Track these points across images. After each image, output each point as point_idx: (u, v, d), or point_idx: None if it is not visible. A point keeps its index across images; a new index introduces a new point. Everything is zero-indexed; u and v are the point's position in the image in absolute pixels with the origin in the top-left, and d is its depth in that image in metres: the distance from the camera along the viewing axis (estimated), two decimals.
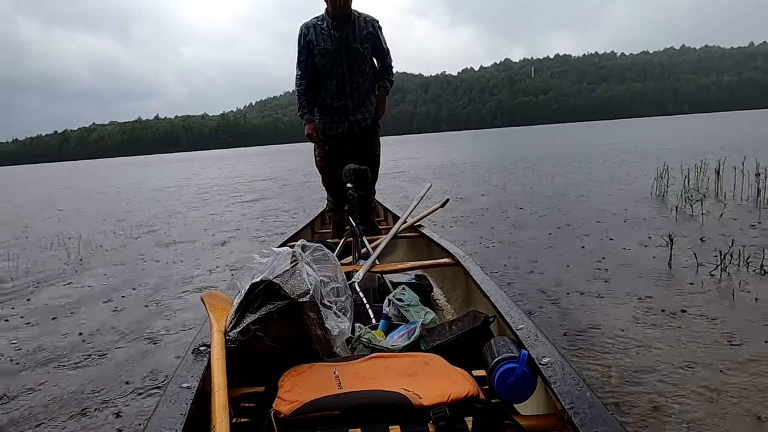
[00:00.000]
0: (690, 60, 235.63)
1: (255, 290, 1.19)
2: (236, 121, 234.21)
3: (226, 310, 1.27)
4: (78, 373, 2.09)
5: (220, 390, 0.93)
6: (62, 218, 8.06)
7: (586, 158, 12.64)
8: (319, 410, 0.92)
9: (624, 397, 1.60)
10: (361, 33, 2.72)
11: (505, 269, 3.22)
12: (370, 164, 2.62)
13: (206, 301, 1.35)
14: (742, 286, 2.59)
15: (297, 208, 7.09)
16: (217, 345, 1.09)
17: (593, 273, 3.00)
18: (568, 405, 0.87)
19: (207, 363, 1.09)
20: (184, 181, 15.66)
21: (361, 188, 2.37)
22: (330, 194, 3.05)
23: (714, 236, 3.67)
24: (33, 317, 2.91)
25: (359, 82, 2.79)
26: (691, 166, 6.59)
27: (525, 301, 2.58)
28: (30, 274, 4.05)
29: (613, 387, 1.67)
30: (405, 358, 1.15)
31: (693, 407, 1.52)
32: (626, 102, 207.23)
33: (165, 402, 0.95)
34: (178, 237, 5.39)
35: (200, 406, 0.98)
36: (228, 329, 1.18)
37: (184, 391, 0.98)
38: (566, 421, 0.89)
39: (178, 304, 2.98)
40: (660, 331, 2.10)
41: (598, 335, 2.09)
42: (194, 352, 1.17)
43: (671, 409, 1.52)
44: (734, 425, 1.42)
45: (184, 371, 1.07)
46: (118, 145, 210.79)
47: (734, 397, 1.56)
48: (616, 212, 4.96)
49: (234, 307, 1.22)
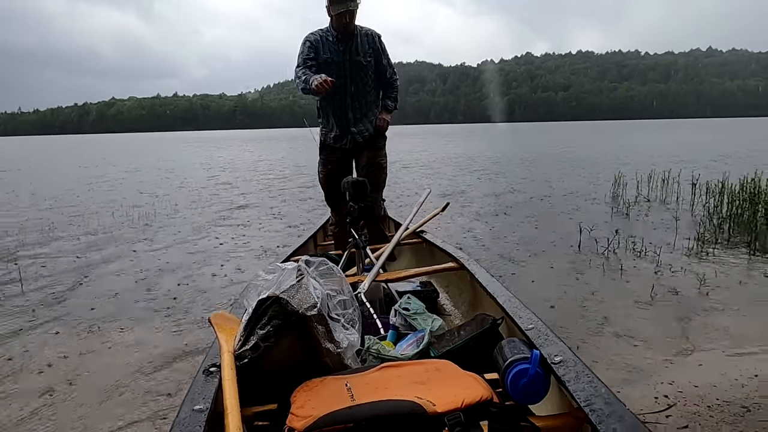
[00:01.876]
0: (716, 63, 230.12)
1: (262, 306, 1.20)
2: (253, 103, 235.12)
3: (234, 330, 1.27)
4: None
5: (233, 411, 0.93)
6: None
7: (573, 160, 13.27)
8: (334, 424, 0.92)
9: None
10: (363, 47, 2.76)
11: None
12: (376, 173, 2.75)
13: (214, 322, 1.35)
14: (615, 261, 3.42)
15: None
16: (227, 366, 1.10)
17: (518, 250, 3.82)
18: (584, 403, 0.86)
19: (218, 384, 1.09)
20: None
21: (359, 200, 2.37)
22: (333, 211, 3.06)
23: (626, 229, 4.49)
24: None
25: (361, 95, 2.82)
26: (657, 173, 7.35)
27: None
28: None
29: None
30: (416, 366, 1.15)
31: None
32: (647, 103, 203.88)
33: (178, 425, 0.95)
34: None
35: (213, 428, 0.98)
36: (237, 347, 1.18)
37: (196, 413, 0.98)
38: (583, 419, 0.89)
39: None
40: (554, 283, 2.94)
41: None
42: (204, 373, 1.16)
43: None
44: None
45: (196, 393, 1.07)
46: (136, 121, 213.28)
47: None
48: (566, 210, 5.75)
49: (242, 325, 1.23)
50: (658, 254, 3.70)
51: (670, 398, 1.79)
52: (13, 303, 3.02)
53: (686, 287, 3.01)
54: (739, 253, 3.74)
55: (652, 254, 3.71)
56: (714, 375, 1.96)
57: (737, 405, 1.74)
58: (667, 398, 1.79)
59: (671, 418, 1.67)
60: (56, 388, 1.99)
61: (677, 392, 1.83)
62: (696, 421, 1.65)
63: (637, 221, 5.04)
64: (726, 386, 1.87)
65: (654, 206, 5.87)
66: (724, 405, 1.74)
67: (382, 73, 2.88)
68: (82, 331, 2.57)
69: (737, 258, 3.62)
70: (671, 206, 5.80)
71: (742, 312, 2.61)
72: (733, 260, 3.57)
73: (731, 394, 1.81)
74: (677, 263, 3.51)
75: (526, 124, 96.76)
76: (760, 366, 2.02)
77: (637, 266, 3.46)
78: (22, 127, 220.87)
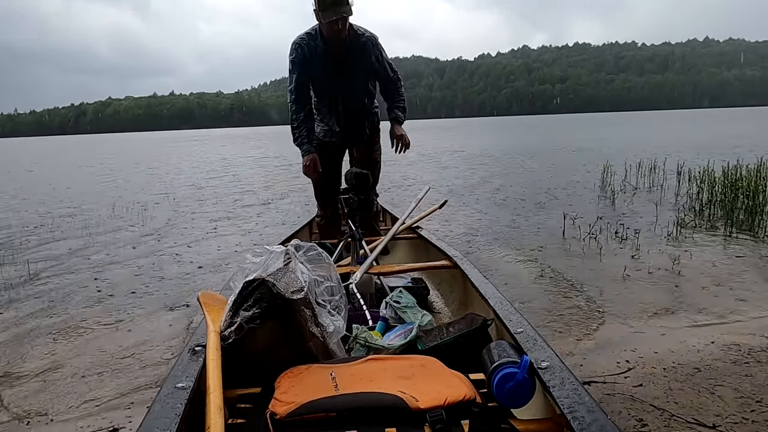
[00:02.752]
0: (713, 53, 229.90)
1: (248, 288, 1.20)
2: (250, 100, 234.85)
3: (222, 310, 1.27)
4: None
5: (215, 391, 0.94)
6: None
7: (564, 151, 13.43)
8: (316, 412, 0.93)
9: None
10: (358, 55, 2.55)
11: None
12: (370, 168, 2.61)
13: (203, 301, 1.35)
14: (596, 245, 3.61)
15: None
16: (212, 346, 1.11)
17: (505, 234, 3.99)
18: (567, 410, 0.87)
19: (202, 363, 1.10)
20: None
21: (361, 192, 2.38)
22: (319, 205, 2.99)
23: (610, 216, 4.66)
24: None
25: (357, 103, 2.67)
26: (645, 163, 7.54)
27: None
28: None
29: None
30: (402, 361, 1.16)
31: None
32: (644, 94, 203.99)
33: (159, 402, 0.95)
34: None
35: (195, 407, 0.98)
36: (223, 329, 1.19)
37: (179, 391, 0.99)
38: (564, 425, 0.90)
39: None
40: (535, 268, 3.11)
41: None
42: (190, 351, 1.17)
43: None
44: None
45: (180, 371, 1.08)
46: (133, 120, 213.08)
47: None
48: (559, 197, 5.91)
49: (228, 307, 1.23)
50: (637, 238, 3.86)
51: (631, 363, 1.96)
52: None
53: (660, 267, 3.17)
54: (716, 237, 3.90)
55: (632, 238, 3.87)
56: (673, 343, 2.12)
57: (690, 366, 1.90)
58: (628, 363, 1.96)
59: (628, 379, 1.83)
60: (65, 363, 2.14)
61: (638, 358, 2.00)
62: (650, 380, 1.81)
63: (622, 207, 5.20)
64: (683, 351, 2.03)
65: (640, 194, 6.03)
66: (678, 367, 1.90)
67: (382, 77, 2.71)
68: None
69: (713, 241, 3.78)
70: (656, 193, 5.97)
71: (710, 289, 2.77)
72: (708, 243, 3.73)
73: (687, 357, 1.98)
74: (655, 246, 3.67)
75: (522, 117, 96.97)
76: (718, 334, 2.19)
77: (616, 249, 3.62)
78: (20, 128, 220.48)
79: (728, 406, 1.61)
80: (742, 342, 2.09)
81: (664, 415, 1.58)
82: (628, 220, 4.49)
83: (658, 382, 1.79)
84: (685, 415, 1.57)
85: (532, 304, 2.64)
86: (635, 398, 1.68)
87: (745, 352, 2.00)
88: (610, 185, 6.58)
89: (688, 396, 1.69)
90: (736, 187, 4.90)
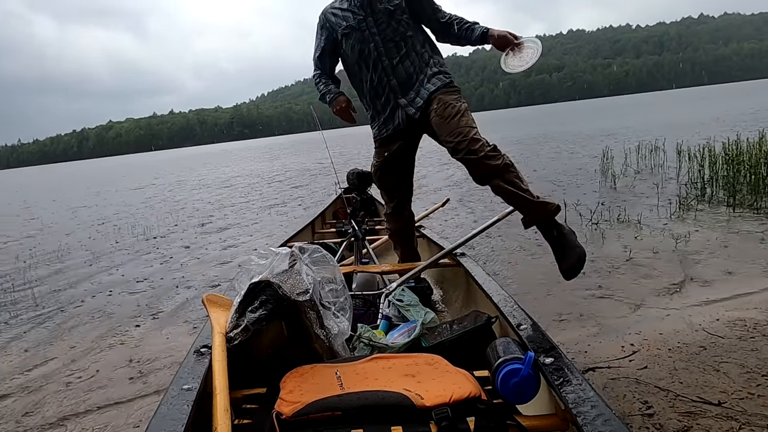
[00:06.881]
0: (709, 29, 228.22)
1: (254, 290, 1.21)
2: (249, 113, 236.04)
3: (227, 312, 1.28)
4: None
5: (222, 392, 0.95)
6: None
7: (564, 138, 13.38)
8: (321, 411, 0.93)
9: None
10: None
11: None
12: (454, 117, 1.94)
13: (207, 303, 1.35)
14: (598, 230, 3.60)
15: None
16: (218, 347, 1.11)
17: (506, 224, 3.98)
18: (572, 405, 0.87)
19: (208, 365, 1.10)
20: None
21: (363, 192, 2.37)
22: (385, 199, 2.42)
23: (611, 201, 4.64)
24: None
25: (399, 53, 2.03)
26: (647, 144, 7.49)
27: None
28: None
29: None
30: (407, 359, 1.15)
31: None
32: (643, 76, 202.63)
33: (166, 404, 0.95)
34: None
35: (202, 408, 0.99)
36: (228, 329, 1.19)
37: (185, 392, 0.99)
38: (569, 421, 0.90)
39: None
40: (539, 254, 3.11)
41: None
42: (195, 353, 1.17)
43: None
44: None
45: (186, 373, 1.08)
46: (134, 142, 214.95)
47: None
48: (562, 181, 5.90)
49: (234, 308, 1.23)
50: (639, 220, 3.84)
51: (635, 345, 1.94)
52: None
53: (663, 247, 3.15)
54: (718, 213, 3.87)
55: (634, 220, 3.84)
56: (678, 322, 2.11)
57: (695, 345, 1.89)
58: (632, 346, 1.94)
59: (633, 362, 1.82)
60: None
61: (642, 340, 1.99)
62: (655, 362, 1.80)
63: (624, 191, 5.16)
64: (688, 331, 2.02)
65: (641, 176, 5.99)
66: (683, 346, 1.89)
67: (427, 12, 2.09)
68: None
69: (716, 218, 3.75)
70: (657, 175, 5.92)
71: (714, 266, 2.75)
72: (711, 220, 3.70)
73: (692, 337, 1.96)
74: (657, 226, 3.65)
75: (521, 109, 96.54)
76: (723, 311, 2.17)
77: (619, 232, 3.59)
78: (24, 158, 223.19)
79: (734, 383, 1.60)
80: (748, 317, 2.07)
81: (669, 395, 1.57)
82: (632, 202, 4.47)
83: (663, 363, 1.78)
84: (690, 395, 1.56)
85: (536, 292, 2.64)
86: (640, 381, 1.67)
87: (751, 327, 1.98)
88: (611, 170, 6.55)
89: (693, 375, 1.67)
90: (737, 162, 4.85)
